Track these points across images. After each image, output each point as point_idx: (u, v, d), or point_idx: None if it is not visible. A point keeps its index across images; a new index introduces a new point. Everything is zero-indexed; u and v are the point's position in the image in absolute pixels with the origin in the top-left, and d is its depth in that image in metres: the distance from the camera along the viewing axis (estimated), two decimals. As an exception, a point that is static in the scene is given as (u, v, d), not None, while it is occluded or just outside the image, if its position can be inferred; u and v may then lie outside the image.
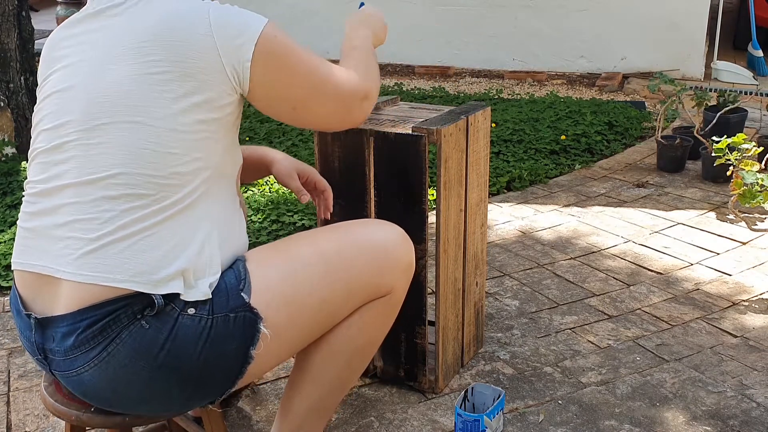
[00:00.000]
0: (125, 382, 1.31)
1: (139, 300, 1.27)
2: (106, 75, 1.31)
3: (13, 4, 3.67)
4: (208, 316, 1.31)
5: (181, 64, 1.29)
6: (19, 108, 3.73)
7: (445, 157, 1.85)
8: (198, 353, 1.31)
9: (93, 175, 1.29)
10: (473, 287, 2.13)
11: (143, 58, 1.29)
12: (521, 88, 5.56)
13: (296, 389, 1.56)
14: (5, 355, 2.30)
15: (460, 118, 1.92)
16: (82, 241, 1.28)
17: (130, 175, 1.28)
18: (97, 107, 1.30)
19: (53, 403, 1.42)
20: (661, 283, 2.69)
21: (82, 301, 1.27)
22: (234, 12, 1.36)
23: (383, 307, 1.55)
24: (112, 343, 1.27)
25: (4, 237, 3.00)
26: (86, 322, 1.27)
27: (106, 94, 1.30)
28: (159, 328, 1.28)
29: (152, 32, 1.30)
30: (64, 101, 1.34)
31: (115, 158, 1.28)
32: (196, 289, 1.31)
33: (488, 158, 2.10)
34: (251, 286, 1.37)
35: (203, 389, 1.37)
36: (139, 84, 1.28)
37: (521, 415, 1.98)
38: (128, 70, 1.29)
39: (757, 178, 2.88)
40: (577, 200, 3.49)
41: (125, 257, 1.27)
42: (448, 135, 1.85)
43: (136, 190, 1.28)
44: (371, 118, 1.99)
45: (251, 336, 1.35)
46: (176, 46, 1.29)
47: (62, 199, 1.31)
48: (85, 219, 1.28)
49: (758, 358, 2.21)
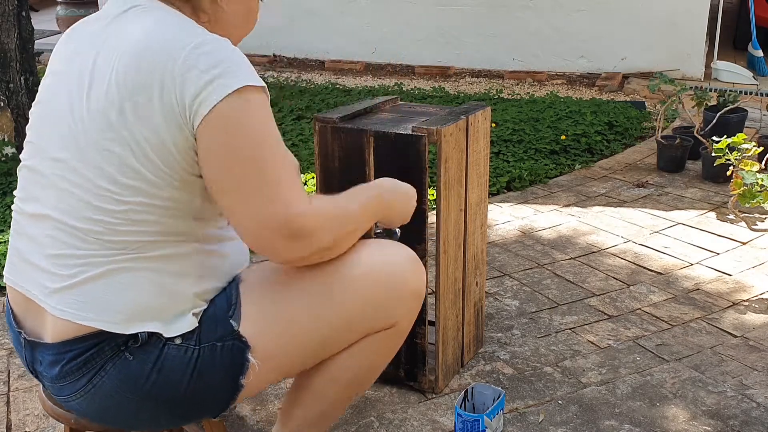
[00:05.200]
0: (113, 409, 1.30)
1: (122, 334, 1.24)
2: (84, 103, 1.24)
3: (13, 4, 3.67)
4: (195, 346, 1.27)
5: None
6: (18, 108, 3.73)
7: (445, 157, 1.85)
8: (186, 383, 1.27)
9: (66, 216, 1.25)
10: (473, 287, 2.13)
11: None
12: (521, 88, 5.56)
13: (295, 403, 1.53)
14: (5, 355, 2.30)
15: (460, 118, 1.92)
16: (58, 276, 1.25)
17: (100, 225, 1.23)
18: (70, 141, 1.24)
19: (52, 406, 1.42)
20: (661, 283, 2.68)
21: (65, 334, 1.26)
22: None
23: (388, 339, 1.47)
24: (97, 375, 1.26)
25: (4, 237, 2.99)
26: (70, 354, 1.25)
27: (79, 130, 1.23)
28: (143, 360, 1.25)
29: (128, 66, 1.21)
30: (43, 120, 1.31)
31: (86, 208, 1.23)
32: (178, 324, 1.27)
33: (488, 158, 2.11)
34: (241, 311, 1.32)
35: (194, 414, 1.35)
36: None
37: (521, 415, 1.98)
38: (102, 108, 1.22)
39: (757, 178, 2.88)
40: (577, 200, 3.49)
41: (99, 297, 1.24)
42: (448, 135, 1.85)
43: (105, 237, 1.23)
44: (372, 119, 1.99)
45: (240, 365, 1.31)
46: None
47: (42, 228, 1.28)
48: (61, 255, 1.25)
49: (758, 358, 2.21)
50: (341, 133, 1.90)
